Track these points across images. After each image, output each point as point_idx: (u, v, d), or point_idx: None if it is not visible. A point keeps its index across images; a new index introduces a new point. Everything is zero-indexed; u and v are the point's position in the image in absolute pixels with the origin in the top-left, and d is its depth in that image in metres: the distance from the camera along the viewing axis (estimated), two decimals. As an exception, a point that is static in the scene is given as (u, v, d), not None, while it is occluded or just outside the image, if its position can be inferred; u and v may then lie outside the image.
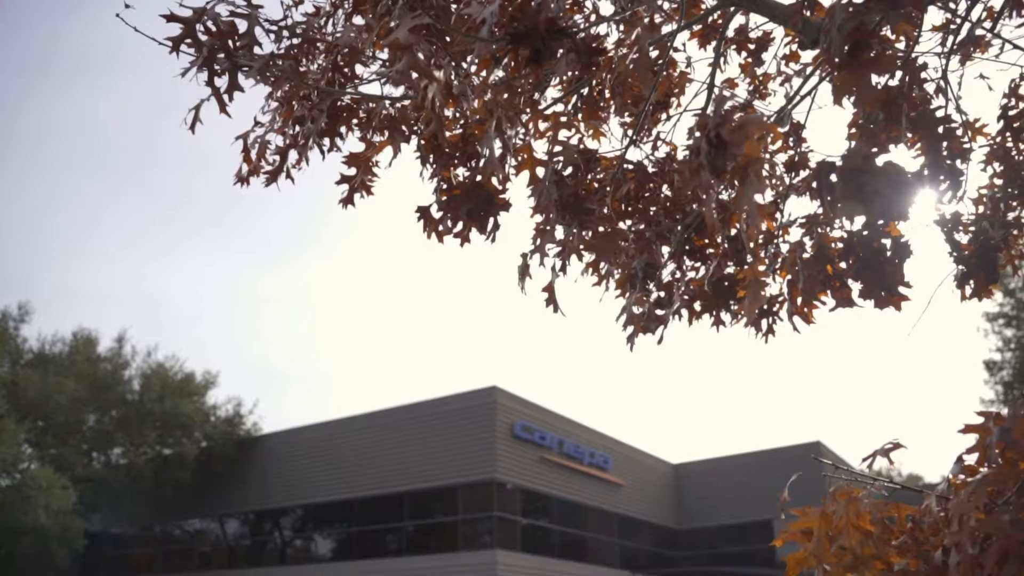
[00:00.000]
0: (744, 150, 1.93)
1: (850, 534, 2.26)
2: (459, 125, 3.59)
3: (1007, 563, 1.90)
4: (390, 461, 24.14)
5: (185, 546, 29.96)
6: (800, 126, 4.58)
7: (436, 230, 3.32)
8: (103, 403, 26.60)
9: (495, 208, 3.24)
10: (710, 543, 31.49)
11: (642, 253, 3.78)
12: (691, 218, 4.07)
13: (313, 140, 3.69)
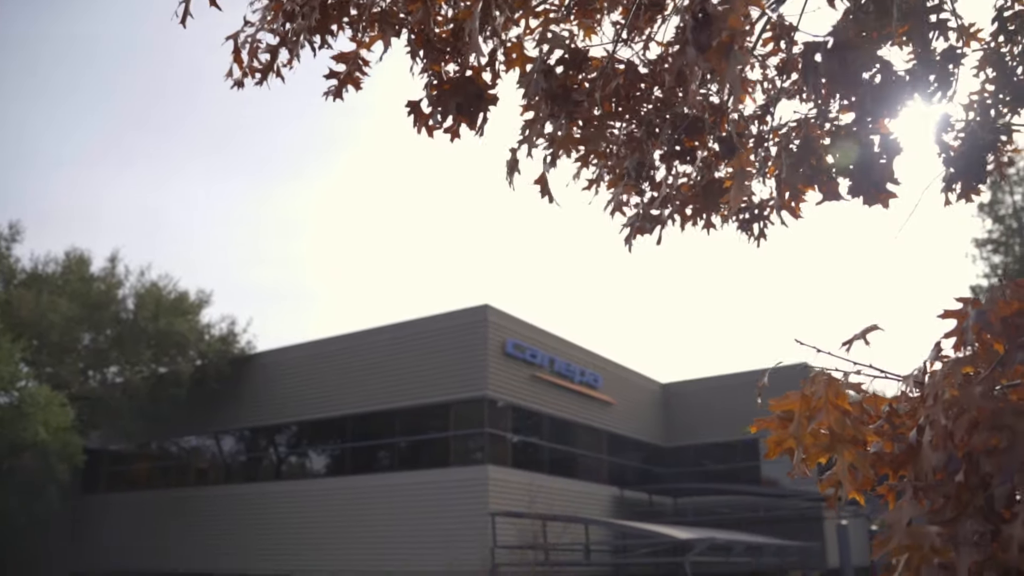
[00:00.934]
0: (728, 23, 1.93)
1: (828, 412, 2.28)
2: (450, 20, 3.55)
3: (977, 431, 1.94)
4: (383, 379, 24.41)
5: (182, 462, 30.49)
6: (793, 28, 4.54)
7: (426, 125, 3.32)
8: (97, 322, 26.70)
9: (484, 102, 3.24)
10: (697, 461, 32.09)
11: (633, 153, 3.78)
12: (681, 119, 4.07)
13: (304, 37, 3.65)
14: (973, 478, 1.92)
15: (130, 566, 29.35)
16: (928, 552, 1.90)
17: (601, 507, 26.13)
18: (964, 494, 1.93)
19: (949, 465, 1.99)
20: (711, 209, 4.26)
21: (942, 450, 2.02)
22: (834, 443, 2.31)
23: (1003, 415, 1.91)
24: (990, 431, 1.91)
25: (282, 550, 25.30)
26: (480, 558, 20.18)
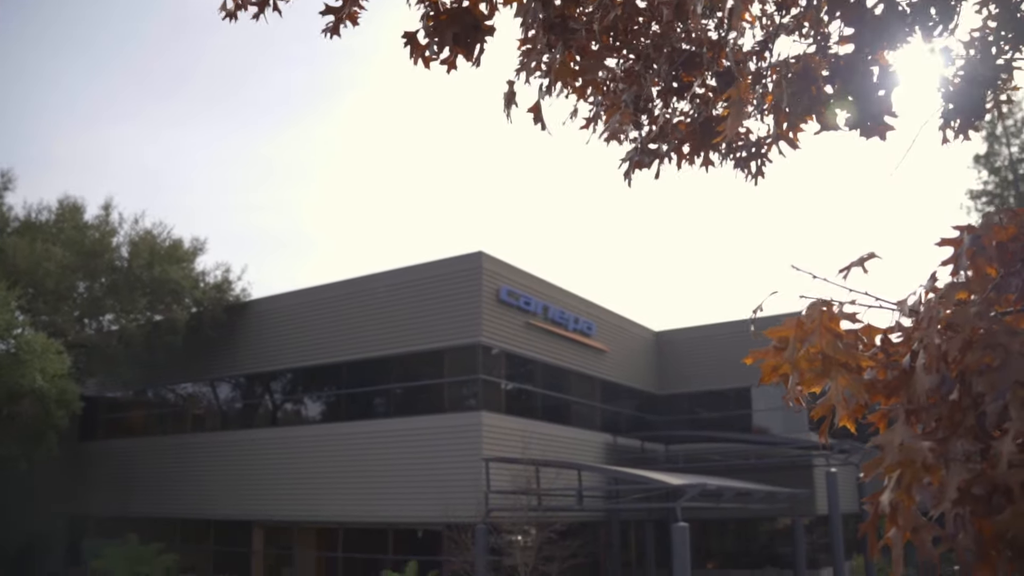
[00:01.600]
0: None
1: (822, 335, 2.29)
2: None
3: (970, 350, 1.94)
4: (378, 325, 24.48)
5: (178, 409, 30.68)
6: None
7: (423, 56, 3.28)
8: (92, 270, 26.61)
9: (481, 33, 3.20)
10: (689, 409, 32.38)
11: (631, 86, 3.76)
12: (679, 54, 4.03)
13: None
14: (966, 398, 1.93)
15: (128, 511, 29.69)
16: (919, 469, 1.91)
17: (594, 454, 26.42)
18: (956, 414, 1.95)
19: (942, 386, 1.99)
20: (708, 147, 4.25)
21: (935, 372, 2.02)
22: (828, 367, 2.31)
23: (996, 334, 1.92)
24: (983, 350, 1.91)
25: (278, 496, 25.59)
26: (474, 503, 20.44)
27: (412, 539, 23.19)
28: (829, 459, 26.37)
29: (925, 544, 1.91)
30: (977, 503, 1.82)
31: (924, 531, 1.92)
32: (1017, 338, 1.94)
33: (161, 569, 25.83)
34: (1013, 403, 1.80)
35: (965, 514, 1.82)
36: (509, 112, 3.31)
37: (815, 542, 28.58)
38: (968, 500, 1.82)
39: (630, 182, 3.78)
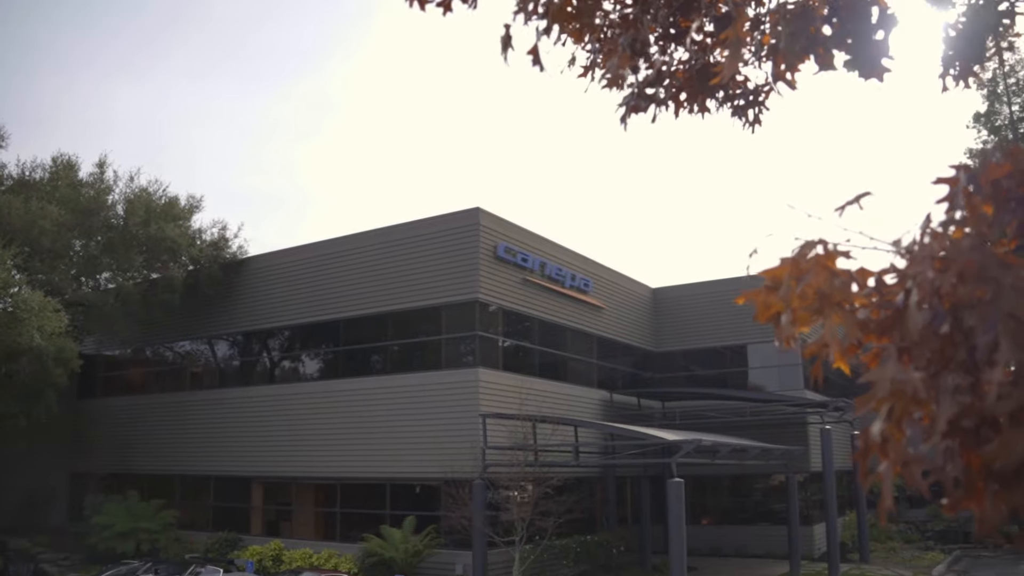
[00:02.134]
0: None
1: (817, 273, 2.26)
2: None
3: (963, 283, 1.95)
4: (375, 282, 24.48)
5: (176, 367, 30.78)
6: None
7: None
8: (88, 228, 26.51)
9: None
10: (685, 366, 32.53)
11: (628, 30, 3.72)
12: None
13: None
14: (957, 333, 1.94)
15: (128, 468, 29.93)
16: (909, 401, 1.93)
17: (590, 410, 26.60)
18: (947, 349, 1.95)
19: (934, 320, 2.00)
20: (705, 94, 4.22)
21: (928, 308, 2.02)
22: (822, 305, 2.31)
23: (989, 267, 1.93)
24: (976, 283, 1.92)
25: (276, 453, 25.79)
26: (471, 459, 20.60)
27: (410, 494, 23.41)
28: (824, 416, 26.58)
29: (915, 477, 1.92)
30: (966, 435, 1.83)
31: (914, 464, 1.93)
32: (1010, 272, 1.94)
33: (161, 524, 26.14)
34: (1004, 335, 1.81)
35: (954, 447, 1.83)
36: (506, 55, 3.28)
37: (809, 499, 28.90)
38: (957, 433, 1.83)
39: (626, 126, 3.76)
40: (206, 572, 20.38)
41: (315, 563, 22.23)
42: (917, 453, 1.93)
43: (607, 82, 3.57)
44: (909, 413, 1.96)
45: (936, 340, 1.99)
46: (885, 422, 1.96)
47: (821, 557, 27.32)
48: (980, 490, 1.80)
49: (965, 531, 33.68)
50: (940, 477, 1.86)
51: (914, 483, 1.93)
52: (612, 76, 3.51)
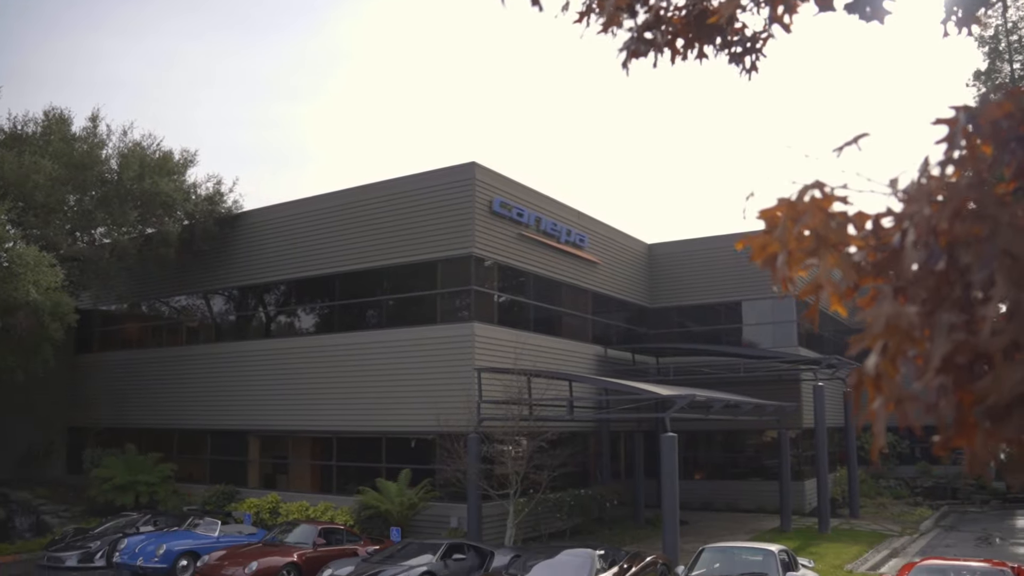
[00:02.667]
0: None
1: (814, 214, 2.27)
2: None
3: (960, 220, 1.95)
4: (370, 237, 24.44)
5: (172, 322, 30.82)
6: None
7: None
8: (82, 183, 26.32)
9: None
10: (680, 322, 32.65)
11: (625, -28, 3.67)
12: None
13: None
14: (952, 271, 1.94)
15: (126, 422, 30.10)
16: (904, 336, 1.94)
17: (585, 365, 26.73)
18: (943, 287, 1.96)
19: (930, 259, 2.00)
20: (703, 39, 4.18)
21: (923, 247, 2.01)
22: (818, 246, 2.30)
23: (987, 205, 1.92)
24: (973, 221, 1.92)
25: (272, 407, 25.93)
26: (466, 413, 20.74)
27: (405, 448, 23.60)
28: (817, 373, 26.75)
29: (908, 414, 1.94)
30: (960, 372, 1.84)
31: (908, 402, 1.95)
32: (1007, 209, 1.94)
33: (160, 477, 26.38)
34: (1000, 272, 1.82)
35: (948, 384, 1.84)
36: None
37: (800, 454, 29.21)
38: (951, 370, 1.84)
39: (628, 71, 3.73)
40: (204, 524, 20.64)
41: (312, 515, 22.49)
42: (911, 391, 1.94)
43: (602, 26, 3.54)
44: (904, 351, 1.96)
45: (931, 278, 1.99)
46: (880, 357, 1.96)
47: (812, 512, 27.70)
48: (972, 427, 1.81)
49: (953, 488, 34.14)
50: (933, 415, 1.87)
51: (907, 421, 1.95)
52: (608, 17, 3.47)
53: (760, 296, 30.02)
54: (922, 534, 25.60)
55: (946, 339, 1.86)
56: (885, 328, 1.96)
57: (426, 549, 16.74)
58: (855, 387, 2.07)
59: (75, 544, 20.91)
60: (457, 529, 21.24)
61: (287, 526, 19.72)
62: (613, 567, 15.05)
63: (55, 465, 31.42)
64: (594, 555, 15.11)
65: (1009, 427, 1.73)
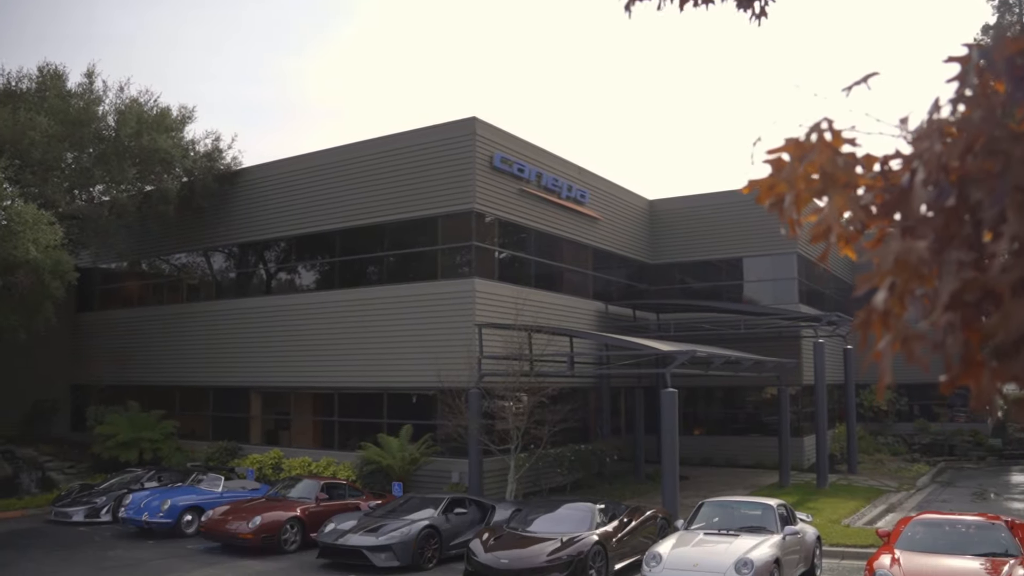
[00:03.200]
0: None
1: (822, 152, 2.23)
2: None
3: (972, 155, 1.91)
4: (371, 192, 24.34)
5: (173, 279, 30.83)
6: None
7: None
8: (79, 140, 26.10)
9: None
10: (681, 279, 32.63)
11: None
12: None
13: None
14: (962, 207, 1.90)
15: (128, 379, 30.24)
16: (913, 275, 1.91)
17: (586, 321, 26.75)
18: (952, 224, 1.92)
19: (940, 195, 1.95)
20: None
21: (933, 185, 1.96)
22: (825, 186, 2.23)
23: (999, 140, 1.88)
24: (985, 156, 1.87)
25: (274, 363, 26.04)
26: (467, 369, 20.79)
27: (406, 403, 23.71)
28: (817, 330, 26.78)
29: (914, 352, 1.92)
30: (967, 310, 1.82)
31: (914, 340, 1.93)
32: (1021, 144, 1.89)
33: (163, 434, 26.56)
34: (1011, 207, 1.78)
35: (955, 321, 1.82)
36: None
37: (800, 411, 29.35)
38: (959, 307, 1.82)
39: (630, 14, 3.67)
40: (208, 480, 20.83)
41: (314, 471, 22.68)
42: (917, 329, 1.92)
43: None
44: (912, 289, 1.94)
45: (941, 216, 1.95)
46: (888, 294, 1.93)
47: (810, 468, 27.91)
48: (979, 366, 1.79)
49: (950, 444, 34.38)
50: (940, 352, 1.84)
51: (914, 360, 1.94)
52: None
53: (761, 253, 29.96)
54: (919, 490, 25.82)
55: (955, 277, 1.83)
56: (894, 265, 1.92)
57: (428, 503, 16.88)
58: (862, 326, 2.05)
59: (81, 500, 21.15)
60: (458, 484, 21.42)
61: (290, 481, 19.88)
62: (613, 520, 15.19)
63: (59, 422, 31.63)
64: (594, 509, 15.25)
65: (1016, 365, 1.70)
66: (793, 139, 2.31)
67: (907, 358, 1.98)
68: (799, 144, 2.29)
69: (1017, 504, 22.77)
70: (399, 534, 15.43)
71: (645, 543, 14.71)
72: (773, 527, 13.40)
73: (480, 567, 13.96)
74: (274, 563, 16.21)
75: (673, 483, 18.42)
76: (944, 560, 11.43)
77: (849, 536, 17.15)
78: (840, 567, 15.44)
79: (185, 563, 16.22)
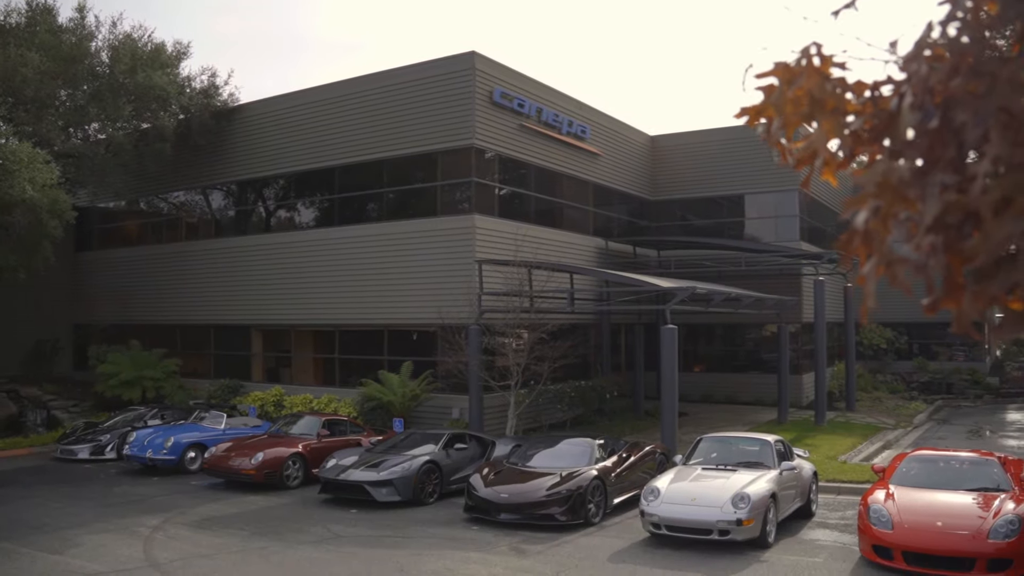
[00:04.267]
0: None
1: (810, 76, 2.20)
2: None
3: (958, 76, 1.87)
4: (370, 128, 24.08)
5: (172, 218, 30.73)
6: None
7: None
8: (72, 77, 25.70)
9: None
10: (682, 215, 32.48)
11: None
12: None
13: None
14: (947, 131, 1.88)
15: (129, 319, 30.35)
16: (896, 196, 1.89)
17: (586, 258, 26.69)
18: (937, 147, 1.90)
19: (925, 117, 1.92)
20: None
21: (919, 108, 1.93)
22: (813, 111, 2.18)
23: (986, 62, 1.85)
24: (970, 77, 1.84)
25: (274, 301, 26.07)
26: (467, 305, 20.81)
27: (407, 340, 23.79)
28: (818, 268, 26.73)
29: (898, 276, 1.94)
30: (950, 233, 1.81)
31: (897, 264, 1.95)
32: (1007, 66, 1.85)
33: (165, 373, 26.73)
34: (995, 128, 1.77)
35: (938, 243, 1.82)
36: None
37: (800, 349, 29.43)
38: (941, 229, 1.81)
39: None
40: (210, 417, 21.00)
41: (315, 407, 22.86)
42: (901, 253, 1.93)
43: None
44: (895, 211, 1.94)
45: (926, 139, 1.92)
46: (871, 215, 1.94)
47: (808, 405, 28.10)
48: (960, 288, 1.80)
49: (948, 383, 34.58)
50: (923, 275, 1.86)
51: (897, 283, 1.96)
52: None
53: (763, 190, 29.75)
54: (916, 427, 26.03)
55: (938, 199, 1.82)
56: (877, 186, 1.91)
57: (428, 439, 16.99)
58: (845, 247, 2.06)
59: (86, 438, 21.36)
60: (459, 420, 21.59)
61: (291, 418, 20.03)
62: (612, 456, 15.30)
63: (62, 362, 31.83)
64: (594, 444, 15.35)
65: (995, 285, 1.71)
66: (782, 63, 2.26)
67: (890, 281, 1.99)
68: (787, 69, 2.24)
69: (1012, 441, 22.97)
70: (400, 469, 15.54)
71: (644, 478, 14.82)
72: (770, 463, 13.47)
73: (480, 501, 14.10)
74: (277, 499, 16.36)
75: (672, 419, 18.53)
76: (937, 495, 11.58)
77: (845, 472, 17.30)
78: (836, 502, 15.59)
79: (189, 499, 16.40)
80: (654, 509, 12.45)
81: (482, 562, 11.79)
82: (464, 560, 11.87)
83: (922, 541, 10.62)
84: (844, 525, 13.71)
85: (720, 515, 12.01)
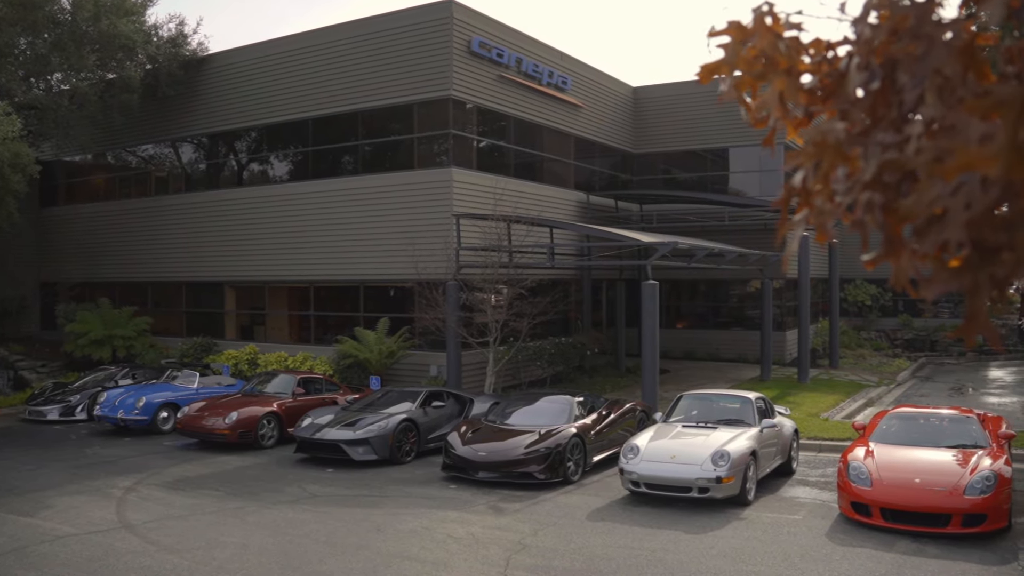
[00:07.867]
0: None
1: (763, 36, 2.14)
2: None
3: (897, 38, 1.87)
4: (344, 79, 23.44)
5: (141, 172, 29.97)
6: None
7: None
8: (32, 24, 24.69)
9: None
10: (665, 169, 32.01)
11: None
12: None
13: None
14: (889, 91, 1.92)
15: (98, 276, 29.80)
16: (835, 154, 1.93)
17: (567, 212, 26.27)
18: (880, 107, 1.94)
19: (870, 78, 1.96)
20: None
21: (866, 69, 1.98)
22: (767, 71, 2.21)
23: (924, 24, 1.86)
24: (909, 39, 1.87)
25: (247, 257, 25.61)
26: (444, 261, 20.43)
27: (383, 296, 23.44)
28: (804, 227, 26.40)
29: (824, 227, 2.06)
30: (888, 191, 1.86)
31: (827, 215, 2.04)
32: (944, 28, 1.85)
33: (135, 331, 26.21)
34: (930, 90, 1.80)
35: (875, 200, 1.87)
36: None
37: (783, 305, 29.21)
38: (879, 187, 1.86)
39: None
40: (183, 376, 20.66)
41: (290, 366, 22.52)
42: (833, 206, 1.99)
43: None
44: (834, 168, 1.96)
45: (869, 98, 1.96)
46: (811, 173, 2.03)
47: (792, 362, 27.92)
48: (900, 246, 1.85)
49: (932, 340, 34.51)
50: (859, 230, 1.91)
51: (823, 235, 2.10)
52: None
53: (748, 143, 29.23)
54: (899, 384, 25.92)
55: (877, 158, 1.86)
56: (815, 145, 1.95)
57: (406, 397, 16.84)
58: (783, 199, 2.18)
59: (55, 398, 21.01)
60: (437, 377, 21.33)
61: (266, 376, 19.70)
62: (592, 413, 15.19)
63: (28, 321, 31.22)
64: (573, 402, 15.23)
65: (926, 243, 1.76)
66: (735, 23, 2.22)
67: (818, 232, 2.10)
68: (741, 28, 2.21)
69: (992, 398, 22.90)
70: (377, 428, 15.39)
71: (624, 436, 14.77)
72: (751, 420, 13.39)
73: (458, 460, 13.99)
74: (252, 458, 16.21)
75: (653, 376, 18.35)
76: (916, 452, 11.68)
77: (827, 429, 17.17)
78: (816, 459, 15.50)
79: (162, 459, 16.19)
80: (633, 467, 12.40)
81: (460, 521, 11.72)
82: (442, 519, 11.80)
83: (900, 498, 10.71)
84: (824, 483, 13.65)
85: (700, 473, 12.01)
